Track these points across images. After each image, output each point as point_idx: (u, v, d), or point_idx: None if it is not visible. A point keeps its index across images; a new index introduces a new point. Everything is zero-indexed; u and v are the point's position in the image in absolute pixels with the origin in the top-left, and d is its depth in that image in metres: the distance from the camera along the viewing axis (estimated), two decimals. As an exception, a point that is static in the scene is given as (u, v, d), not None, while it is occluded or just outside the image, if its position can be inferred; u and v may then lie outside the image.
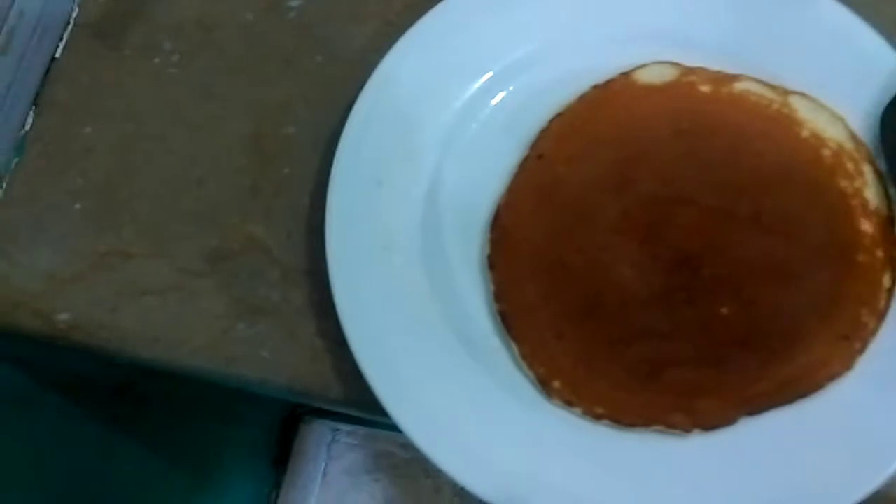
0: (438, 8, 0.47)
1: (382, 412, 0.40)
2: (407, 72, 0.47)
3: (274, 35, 0.52)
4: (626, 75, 0.45)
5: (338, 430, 1.26)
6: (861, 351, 0.38)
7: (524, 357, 0.40)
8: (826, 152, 0.42)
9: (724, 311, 0.40)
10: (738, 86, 0.44)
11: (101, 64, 0.53)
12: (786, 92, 0.43)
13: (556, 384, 0.39)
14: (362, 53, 0.49)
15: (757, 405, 0.38)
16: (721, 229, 0.42)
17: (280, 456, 1.20)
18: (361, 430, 1.24)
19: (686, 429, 0.38)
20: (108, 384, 0.71)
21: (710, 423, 0.38)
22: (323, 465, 1.28)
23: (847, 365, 0.38)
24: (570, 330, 0.41)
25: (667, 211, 0.42)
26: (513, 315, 0.41)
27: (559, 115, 0.44)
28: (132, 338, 0.47)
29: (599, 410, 0.39)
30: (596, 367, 0.40)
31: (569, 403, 0.39)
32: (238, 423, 1.03)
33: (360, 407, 0.43)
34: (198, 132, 0.50)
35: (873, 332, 0.39)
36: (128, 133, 0.51)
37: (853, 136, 0.42)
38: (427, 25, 0.47)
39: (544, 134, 0.44)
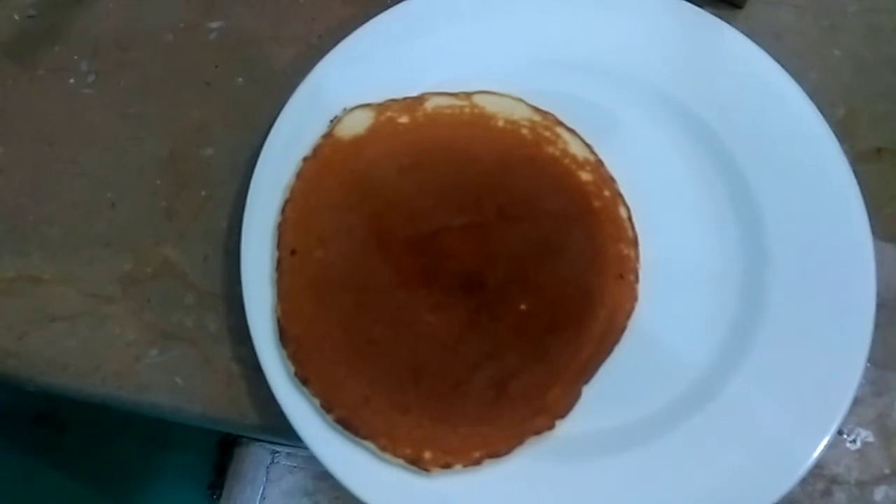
0: (359, 31, 0.48)
1: (298, 438, 0.40)
2: (328, 94, 0.47)
3: (193, 56, 0.52)
4: (329, 136, 0.45)
5: (277, 452, 1.25)
6: (636, 280, 0.42)
7: (384, 449, 0.39)
8: (524, 131, 0.45)
9: (523, 307, 0.42)
10: (429, 105, 0.46)
11: (14, 84, 0.52)
12: (468, 94, 0.46)
13: (427, 455, 0.39)
14: (283, 75, 0.49)
15: (589, 371, 0.41)
16: (481, 239, 0.43)
17: (216, 480, 1.17)
18: (302, 451, 1.22)
19: (550, 427, 0.40)
20: (27, 413, 0.68)
21: (564, 410, 0.40)
22: (261, 488, 1.25)
23: (634, 297, 0.42)
24: (411, 399, 0.40)
25: (430, 246, 0.43)
26: (351, 416, 0.40)
27: (288, 200, 0.44)
28: (41, 365, 0.45)
29: (477, 454, 0.39)
30: (452, 417, 0.40)
31: (447, 466, 0.39)
32: (170, 447, 1.01)
33: (276, 433, 0.43)
34: (112, 154, 0.50)
35: (637, 260, 0.43)
36: (39, 155, 0.50)
37: (536, 110, 0.46)
38: (348, 48, 0.48)
39: (284, 227, 0.44)
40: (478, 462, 0.39)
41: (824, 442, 0.38)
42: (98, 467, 0.85)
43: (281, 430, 0.42)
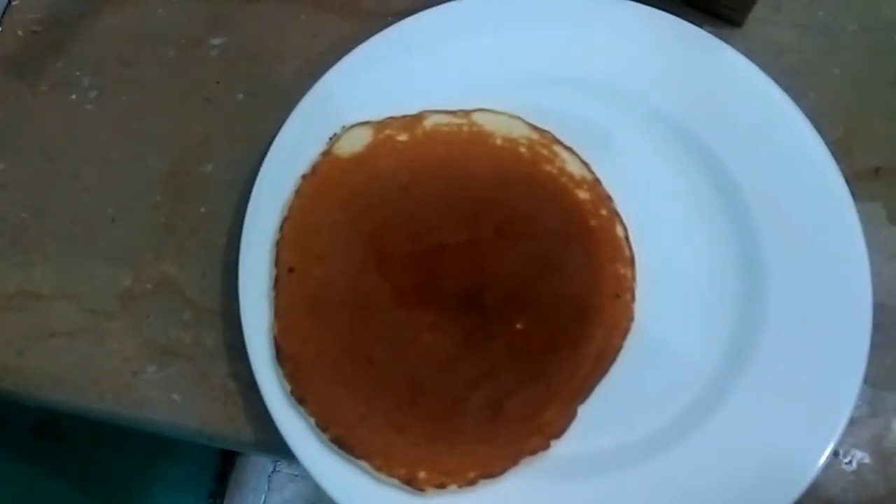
0: (360, 49, 0.48)
1: (294, 456, 0.40)
2: (327, 111, 0.47)
3: (195, 72, 0.52)
4: (327, 154, 0.46)
5: (279, 461, 1.25)
6: (633, 300, 0.42)
7: (379, 469, 0.39)
8: (522, 149, 0.45)
9: (519, 326, 0.42)
10: (427, 122, 0.46)
11: (17, 100, 0.53)
12: (466, 112, 0.46)
13: (422, 475, 0.39)
14: (284, 91, 0.49)
15: (585, 390, 0.41)
16: (478, 257, 0.43)
17: (217, 489, 1.17)
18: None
19: (545, 447, 0.39)
20: (28, 422, 0.69)
21: (560, 430, 0.40)
22: (263, 496, 1.26)
23: (630, 316, 0.42)
24: (408, 419, 0.40)
25: (428, 264, 0.43)
26: (346, 436, 0.40)
27: (286, 218, 0.44)
28: (39, 381, 0.46)
29: (472, 474, 0.39)
30: (448, 437, 0.40)
31: (442, 486, 0.39)
32: (171, 456, 1.01)
33: (272, 451, 0.43)
34: (113, 169, 0.50)
35: (633, 279, 0.43)
36: (41, 170, 0.50)
37: (534, 128, 0.46)
38: (349, 66, 0.48)
39: (282, 244, 0.44)
40: (472, 482, 0.39)
41: (820, 463, 0.38)
42: (99, 476, 0.85)
43: (277, 448, 0.42)
